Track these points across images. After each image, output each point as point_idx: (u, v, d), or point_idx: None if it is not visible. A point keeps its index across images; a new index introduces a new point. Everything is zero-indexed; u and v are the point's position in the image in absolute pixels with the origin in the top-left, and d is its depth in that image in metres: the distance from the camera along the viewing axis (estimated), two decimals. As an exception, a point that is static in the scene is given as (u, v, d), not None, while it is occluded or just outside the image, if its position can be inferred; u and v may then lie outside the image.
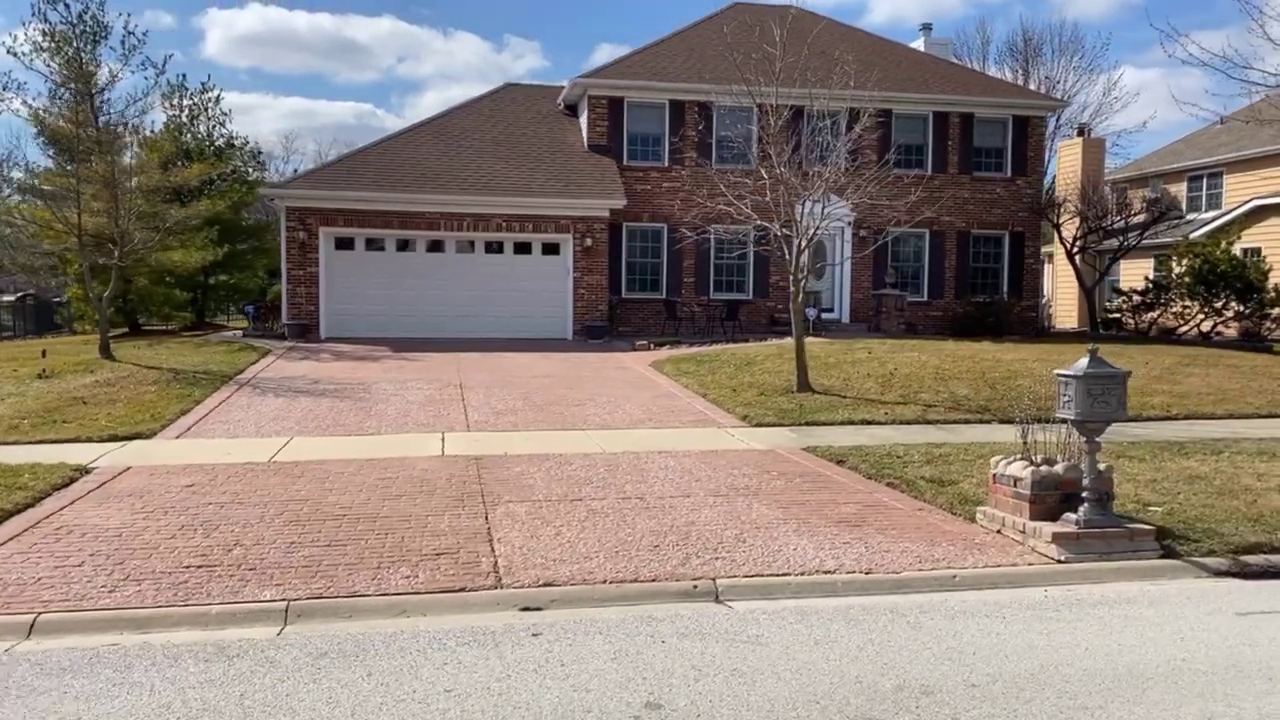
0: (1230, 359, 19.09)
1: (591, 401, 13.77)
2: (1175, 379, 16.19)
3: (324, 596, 5.68)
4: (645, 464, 9.58)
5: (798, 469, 9.52)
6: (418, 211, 21.50)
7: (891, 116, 25.54)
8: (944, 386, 15.07)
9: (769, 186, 14.97)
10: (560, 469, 9.28)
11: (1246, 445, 10.91)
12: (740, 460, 9.89)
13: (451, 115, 25.12)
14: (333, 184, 21.31)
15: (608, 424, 12.15)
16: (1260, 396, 14.78)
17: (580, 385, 15.28)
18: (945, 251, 26.04)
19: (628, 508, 7.80)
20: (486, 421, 12.17)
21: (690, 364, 17.56)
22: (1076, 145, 36.45)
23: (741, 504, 8.00)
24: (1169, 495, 8.25)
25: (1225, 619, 5.45)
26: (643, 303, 24.49)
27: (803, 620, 5.40)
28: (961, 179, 26.02)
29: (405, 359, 18.18)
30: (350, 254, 21.77)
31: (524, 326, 22.28)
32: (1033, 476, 7.00)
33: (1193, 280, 22.81)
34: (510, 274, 22.46)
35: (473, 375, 16.09)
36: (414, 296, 21.85)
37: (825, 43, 27.09)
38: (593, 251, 22.47)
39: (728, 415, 12.92)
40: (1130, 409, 14.16)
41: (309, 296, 21.21)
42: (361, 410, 12.79)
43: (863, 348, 19.23)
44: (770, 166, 14.96)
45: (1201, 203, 34.85)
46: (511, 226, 22.07)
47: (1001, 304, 25.16)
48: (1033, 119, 26.44)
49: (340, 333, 21.38)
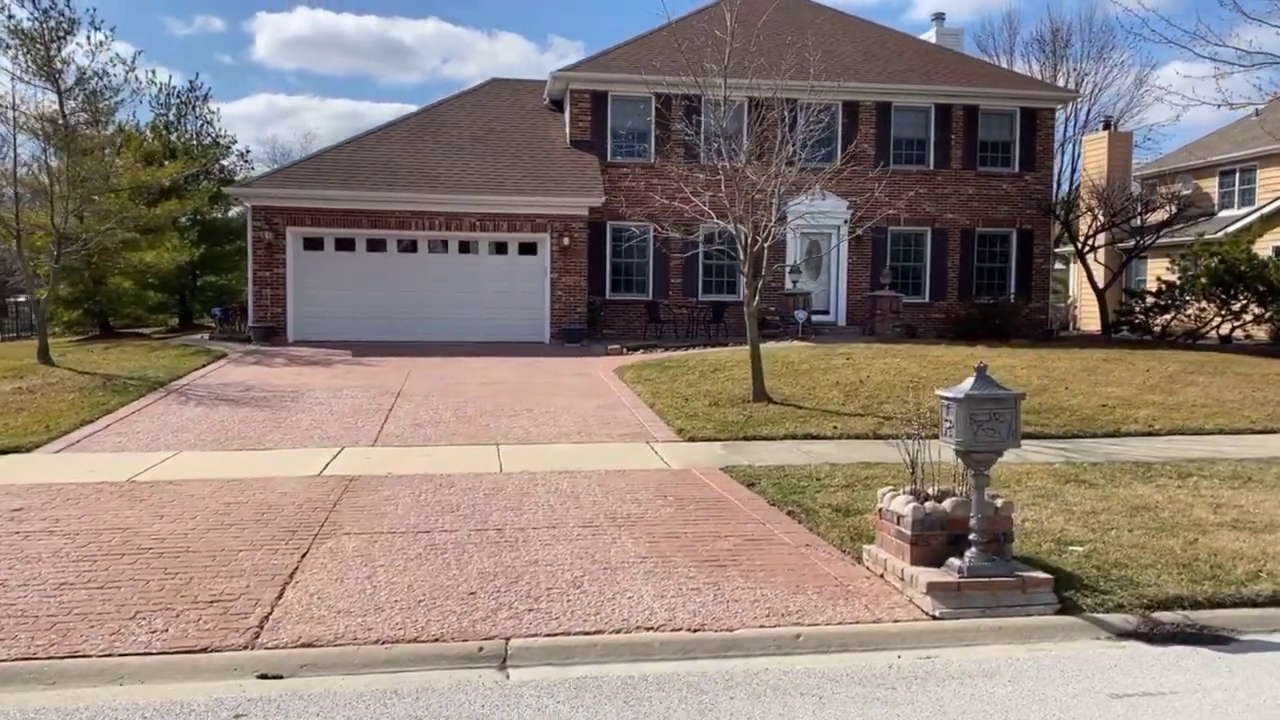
0: (1243, 365, 17.79)
1: (528, 413, 12.93)
2: (1172, 388, 14.97)
3: (35, 657, 4.88)
4: (535, 486, 8.72)
5: (700, 493, 8.60)
6: (388, 210, 20.80)
7: (891, 109, 24.38)
8: (913, 396, 14.00)
9: (723, 182, 13.99)
10: (435, 493, 8.44)
11: (1221, 468, 9.78)
12: (644, 482, 8.99)
13: (431, 111, 24.41)
14: (300, 182, 20.69)
15: (529, 438, 11.30)
16: (1260, 409, 13.54)
17: (526, 394, 14.45)
18: (948, 250, 24.82)
19: (475, 542, 6.95)
20: (399, 435, 11.38)
21: (654, 370, 16.66)
22: (1102, 139, 34.94)
23: (607, 538, 7.10)
24: (1101, 531, 7.22)
25: (1094, 703, 4.46)
26: (627, 304, 23.60)
27: (577, 696, 4.50)
28: (966, 175, 24.78)
29: (360, 364, 17.48)
30: (319, 254, 21.13)
31: (500, 329, 21.50)
32: (914, 514, 6.03)
33: (1209, 281, 21.43)
34: (485, 275, 21.69)
35: (419, 382, 15.33)
36: (386, 298, 21.17)
37: (823, 34, 26.03)
38: (571, 251, 21.62)
39: (665, 428, 12.01)
40: (1111, 423, 13.13)
41: (276, 298, 20.60)
42: (274, 422, 12.07)
43: (844, 353, 18.19)
44: (727, 161, 13.96)
45: (1234, 199, 33.22)
46: (486, 226, 21.30)
47: (1007, 306, 23.90)
48: (1042, 111, 25.10)
49: (309, 335, 20.76)
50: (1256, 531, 7.21)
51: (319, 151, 22.06)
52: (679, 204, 15.17)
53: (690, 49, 14.98)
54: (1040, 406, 13.38)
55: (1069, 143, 44.78)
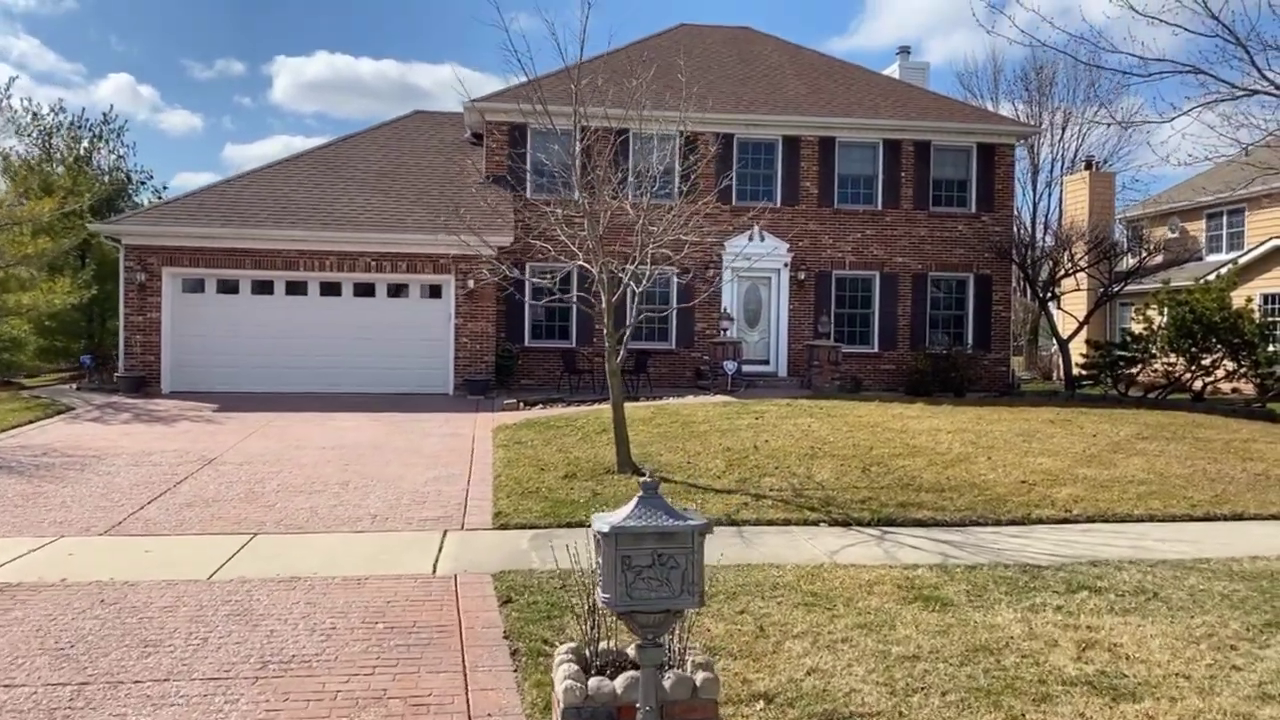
0: (1208, 429, 15.78)
1: (343, 487, 11.04)
2: (1113, 459, 12.97)
3: None
4: (220, 607, 6.81)
5: (429, 618, 6.66)
6: (274, 249, 19.07)
7: (835, 145, 22.63)
8: (806, 467, 12.08)
9: (587, 219, 12.18)
10: (71, 617, 6.54)
11: (1126, 576, 7.80)
12: (373, 599, 7.06)
13: (340, 145, 22.79)
14: (177, 219, 18.98)
15: (306, 525, 9.40)
16: (1208, 487, 11.53)
17: (365, 461, 12.57)
18: (898, 296, 22.91)
19: (25, 708, 5.04)
20: (151, 519, 9.50)
21: (533, 431, 14.76)
22: (1083, 179, 33.25)
23: (220, 700, 5.18)
24: (902, 696, 5.25)
25: None
26: (548, 353, 21.76)
27: None
28: (917, 215, 22.94)
29: (213, 421, 15.66)
30: (199, 298, 19.38)
31: (400, 380, 19.67)
32: (566, 696, 4.10)
33: (1176, 332, 19.44)
34: (383, 321, 19.88)
35: (254, 446, 13.48)
36: (272, 346, 19.36)
37: (770, 65, 24.45)
38: (478, 295, 19.82)
39: (485, 510, 10.09)
40: (1024, 506, 11.04)
41: (148, 346, 18.82)
42: (22, 498, 10.21)
43: (758, 411, 16.26)
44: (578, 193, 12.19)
45: (1222, 243, 31.38)
46: (384, 266, 19.54)
47: (962, 357, 21.91)
48: (1000, 147, 23.30)
49: (187, 386, 18.95)
50: (1117, 698, 5.23)
51: (206, 186, 20.39)
52: (540, 244, 13.37)
53: (619, 80, 13.22)
54: (947, 482, 11.43)
55: (1054, 184, 43.14)
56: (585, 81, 12.38)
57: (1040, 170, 42.53)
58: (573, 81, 11.71)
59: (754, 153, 22.51)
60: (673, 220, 12.27)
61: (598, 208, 11.94)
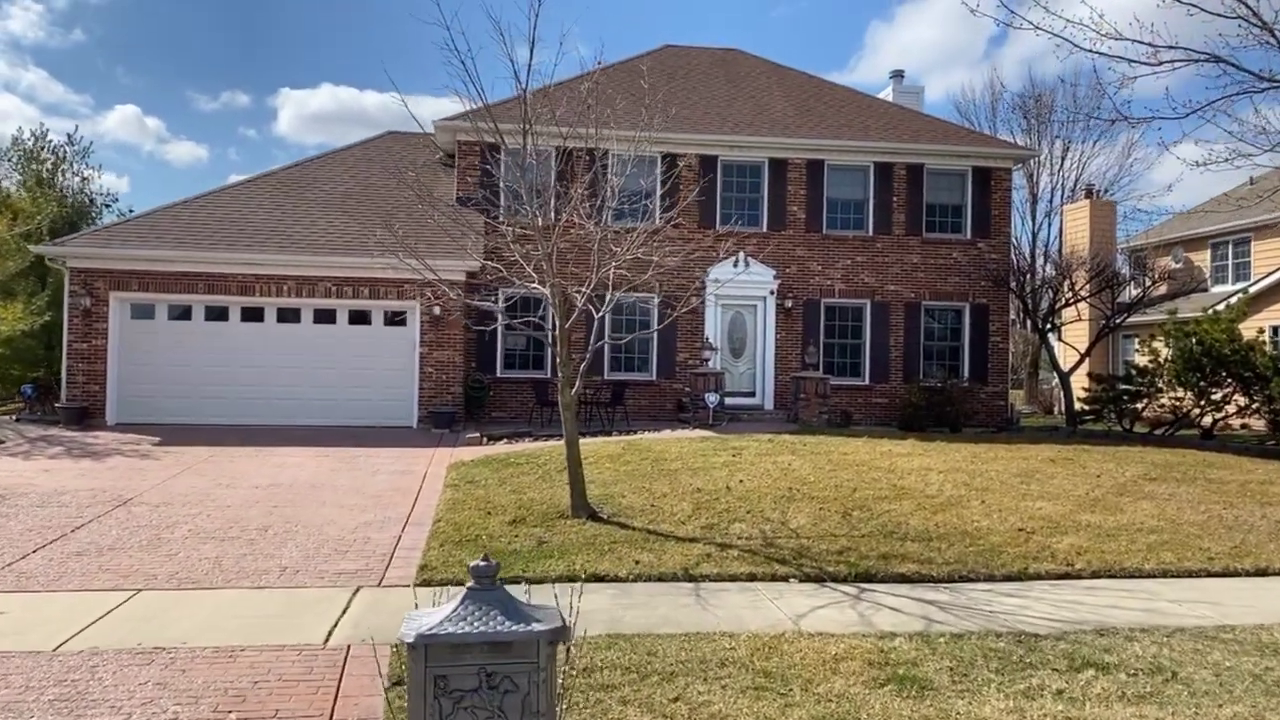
0: (1220, 468, 14.65)
1: (264, 532, 9.92)
2: (1119, 503, 11.82)
3: None
4: (33, 697, 5.68)
5: (302, 707, 5.53)
6: (228, 273, 18.02)
7: (824, 168, 21.65)
8: (781, 511, 10.94)
9: (538, 236, 11.14)
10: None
11: (1139, 650, 6.65)
12: (246, 676, 5.92)
13: (304, 165, 21.82)
14: (126, 241, 17.96)
15: (203, 579, 8.26)
16: (1225, 537, 10.38)
17: (299, 501, 11.44)
18: (890, 326, 21.83)
19: None
20: (30, 572, 8.36)
21: (489, 469, 13.63)
22: (1084, 208, 32.36)
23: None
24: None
25: None
26: (520, 383, 20.65)
27: None
28: (910, 241, 21.92)
29: (147, 456, 14.54)
30: (149, 324, 18.29)
31: (360, 412, 18.55)
32: None
33: (1184, 365, 18.33)
34: (345, 349, 18.79)
35: (181, 484, 12.35)
36: (225, 375, 18.26)
37: (757, 86, 23.55)
38: (444, 322, 18.76)
39: (408, 564, 8.93)
40: (1020, 558, 9.82)
41: (93, 374, 17.72)
42: (-110, 545, 9.08)
43: (736, 447, 15.14)
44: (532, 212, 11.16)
45: (1228, 273, 30.41)
46: (345, 292, 18.48)
47: (957, 390, 20.78)
48: (997, 171, 22.32)
49: (134, 417, 17.82)
50: (1135, 835, 4.07)
51: (161, 207, 19.34)
52: (492, 264, 12.32)
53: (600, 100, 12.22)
54: (936, 530, 10.28)
55: (1053, 214, 42.19)
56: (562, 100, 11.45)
57: (1039, 200, 41.66)
58: (520, 86, 10.68)
59: (739, 175, 21.53)
60: (635, 240, 11.21)
61: (548, 223, 10.87)
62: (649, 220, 13.07)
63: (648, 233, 11.26)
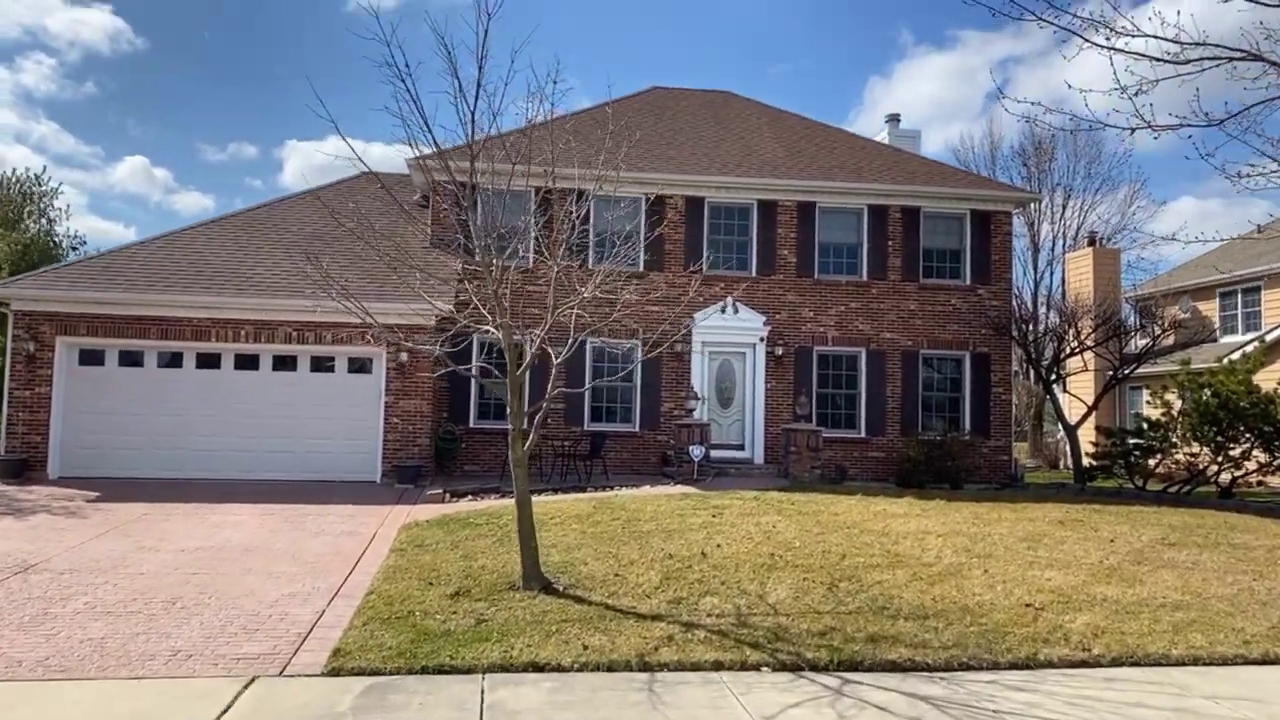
0: (1244, 533, 13.46)
1: (170, 606, 8.74)
2: (1137, 573, 10.62)
3: None
4: None
5: None
6: (184, 317, 16.99)
7: (816, 210, 20.71)
8: (760, 582, 9.75)
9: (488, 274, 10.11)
10: None
11: (1176, 771, 5.43)
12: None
13: (272, 206, 20.92)
14: (74, 283, 16.95)
15: (73, 668, 7.08)
16: (1260, 615, 9.16)
17: (223, 568, 10.26)
18: (886, 376, 20.73)
19: None
20: (-128, 655, 7.18)
21: (443, 530, 12.46)
22: (1087, 256, 31.47)
23: None
24: None
25: None
26: (494, 435, 19.51)
27: None
28: (907, 286, 20.90)
29: (77, 514, 13.38)
30: (98, 371, 17.21)
31: (322, 465, 17.40)
32: None
33: (1199, 419, 17.17)
34: (306, 398, 17.68)
35: (99, 546, 11.18)
36: (179, 426, 17.14)
37: (747, 127, 22.71)
38: (411, 370, 17.68)
39: (323, 646, 7.73)
40: (1028, 640, 8.30)
41: (34, 424, 16.61)
42: None
43: (717, 506, 13.97)
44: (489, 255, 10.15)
45: (1237, 323, 29.37)
46: (306, 337, 17.43)
47: (957, 444, 19.58)
48: (997, 215, 21.37)
49: (80, 470, 16.68)
50: None
51: (115, 248, 18.40)
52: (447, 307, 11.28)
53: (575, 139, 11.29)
54: (933, 605, 9.09)
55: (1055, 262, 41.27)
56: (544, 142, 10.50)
57: (1040, 249, 40.78)
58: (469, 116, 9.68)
59: (726, 217, 20.59)
60: (596, 280, 10.18)
61: (499, 262, 9.87)
62: (622, 261, 12.06)
63: (615, 272, 10.21)
